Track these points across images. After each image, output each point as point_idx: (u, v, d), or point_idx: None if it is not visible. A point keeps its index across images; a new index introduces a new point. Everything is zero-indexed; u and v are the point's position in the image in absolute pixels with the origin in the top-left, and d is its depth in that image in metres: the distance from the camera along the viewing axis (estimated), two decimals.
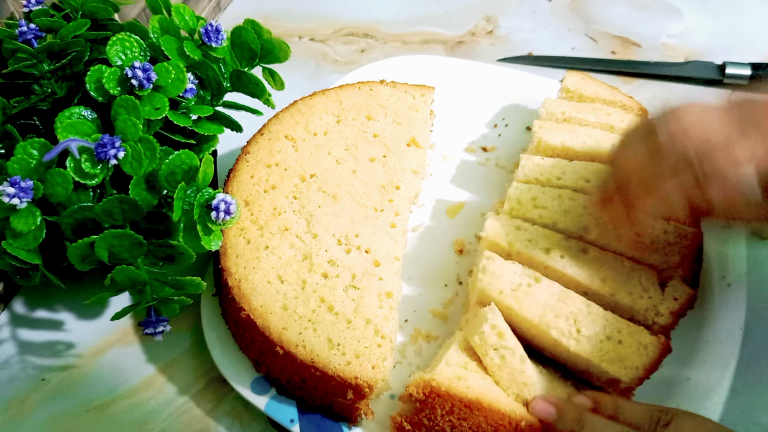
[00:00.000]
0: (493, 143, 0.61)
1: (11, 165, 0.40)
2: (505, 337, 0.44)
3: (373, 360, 0.44)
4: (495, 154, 0.61)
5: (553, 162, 0.53)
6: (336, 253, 0.48)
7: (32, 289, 0.54)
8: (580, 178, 0.52)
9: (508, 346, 0.44)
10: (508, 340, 0.44)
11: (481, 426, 0.42)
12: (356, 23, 0.75)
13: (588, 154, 0.54)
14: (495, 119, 0.63)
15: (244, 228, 0.49)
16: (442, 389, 0.42)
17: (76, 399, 0.49)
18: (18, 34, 0.44)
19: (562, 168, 0.53)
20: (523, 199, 0.51)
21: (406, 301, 0.51)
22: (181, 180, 0.42)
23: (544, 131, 0.55)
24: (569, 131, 0.55)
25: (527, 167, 0.53)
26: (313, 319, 0.45)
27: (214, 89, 0.48)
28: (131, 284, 0.42)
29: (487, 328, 0.44)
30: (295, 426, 0.45)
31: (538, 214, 0.50)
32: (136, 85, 0.42)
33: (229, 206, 0.42)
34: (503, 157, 0.60)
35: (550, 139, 0.54)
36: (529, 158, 0.54)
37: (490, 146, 0.61)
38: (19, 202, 0.39)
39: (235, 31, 0.48)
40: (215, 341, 0.48)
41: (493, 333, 0.44)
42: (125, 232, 0.40)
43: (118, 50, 0.44)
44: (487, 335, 0.44)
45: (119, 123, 0.41)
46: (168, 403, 0.49)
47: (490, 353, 0.44)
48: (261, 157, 0.53)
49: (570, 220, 0.49)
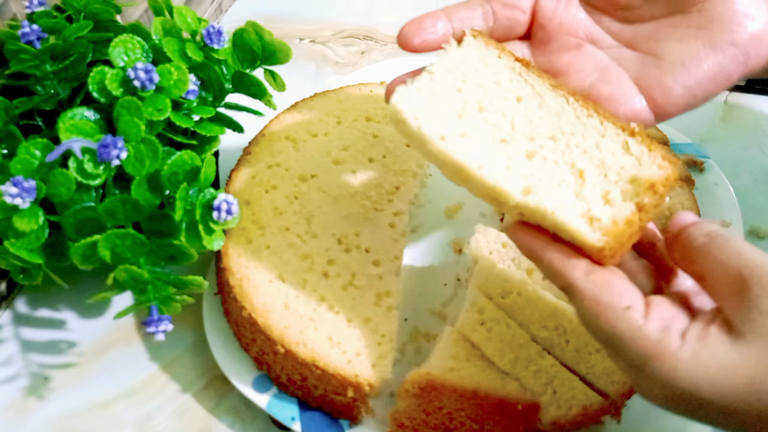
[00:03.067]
0: None
1: (14, 165, 0.40)
2: (486, 310, 0.46)
3: (373, 358, 0.44)
4: None
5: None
6: (336, 252, 0.48)
7: (34, 289, 0.54)
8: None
9: (491, 317, 0.46)
10: (491, 311, 0.46)
11: (479, 414, 0.42)
12: (357, 25, 0.75)
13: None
14: None
15: (246, 228, 0.49)
16: (437, 382, 0.43)
17: (78, 397, 0.49)
18: (21, 35, 0.44)
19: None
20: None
21: (405, 300, 0.51)
22: (183, 180, 0.42)
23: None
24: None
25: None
26: (313, 317, 0.45)
27: (215, 90, 0.48)
28: (133, 283, 0.42)
29: (467, 306, 0.46)
30: (296, 424, 0.45)
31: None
32: (139, 86, 0.42)
33: (231, 206, 0.42)
34: None
35: None
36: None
37: None
38: (22, 202, 0.39)
39: (237, 33, 0.48)
40: (217, 340, 0.49)
41: (474, 310, 0.46)
42: (127, 232, 0.41)
43: (121, 52, 0.44)
44: (469, 312, 0.46)
45: (122, 124, 0.42)
46: (169, 402, 0.49)
47: (478, 328, 0.45)
48: (262, 157, 0.53)
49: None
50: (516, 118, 0.36)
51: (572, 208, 0.33)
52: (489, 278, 0.48)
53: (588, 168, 0.34)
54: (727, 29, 0.36)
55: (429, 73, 0.37)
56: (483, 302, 0.47)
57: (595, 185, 0.34)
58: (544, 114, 0.36)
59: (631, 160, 0.34)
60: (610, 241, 0.32)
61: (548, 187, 0.34)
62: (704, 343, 0.30)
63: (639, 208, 0.33)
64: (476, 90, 0.37)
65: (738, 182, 0.58)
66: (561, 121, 0.36)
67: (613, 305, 0.31)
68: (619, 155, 0.34)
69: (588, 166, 0.34)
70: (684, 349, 0.30)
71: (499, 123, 0.36)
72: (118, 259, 0.41)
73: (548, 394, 0.44)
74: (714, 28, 0.37)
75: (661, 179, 0.33)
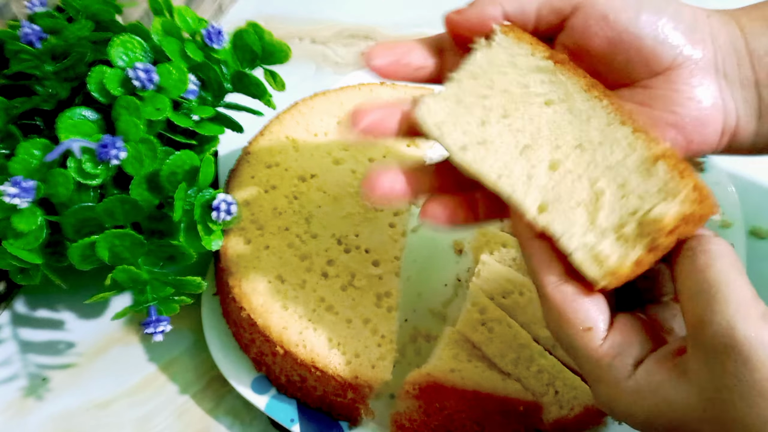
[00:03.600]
0: None
1: (13, 165, 0.40)
2: (488, 311, 0.45)
3: (372, 359, 0.44)
4: None
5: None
6: (336, 252, 0.48)
7: (33, 289, 0.54)
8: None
9: (493, 317, 0.45)
10: (492, 311, 0.45)
11: (480, 415, 0.42)
12: (357, 25, 0.75)
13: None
14: None
15: (245, 228, 0.49)
16: (438, 383, 0.43)
17: (76, 398, 0.49)
18: (21, 35, 0.44)
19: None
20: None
21: (405, 300, 0.51)
22: (182, 180, 0.42)
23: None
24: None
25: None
26: (313, 318, 0.45)
27: (215, 90, 0.48)
28: (132, 284, 0.42)
29: (468, 306, 0.46)
30: (296, 426, 0.45)
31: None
32: (138, 86, 0.42)
33: (230, 206, 0.42)
34: None
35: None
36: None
37: None
38: (21, 202, 0.39)
39: (237, 33, 0.48)
40: (215, 341, 0.49)
41: (475, 310, 0.46)
42: (126, 232, 0.41)
43: (121, 51, 0.44)
44: (470, 312, 0.45)
45: (121, 123, 0.42)
46: (168, 403, 0.49)
47: (479, 329, 0.45)
48: (261, 157, 0.53)
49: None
50: (542, 123, 0.34)
51: (581, 237, 0.31)
52: (490, 278, 0.48)
53: (609, 188, 0.31)
54: (668, 110, 0.34)
55: (454, 81, 0.35)
56: (484, 302, 0.47)
57: (612, 211, 0.31)
58: (574, 118, 0.33)
59: (656, 185, 0.31)
60: (611, 281, 0.30)
61: (564, 207, 0.32)
62: (653, 377, 0.29)
63: (652, 248, 0.30)
64: (502, 96, 0.34)
65: (739, 182, 0.58)
66: (590, 128, 0.33)
67: (575, 322, 0.31)
68: (644, 176, 0.31)
69: (610, 185, 0.32)
70: (630, 381, 0.30)
71: (523, 128, 0.34)
72: (116, 259, 0.41)
73: (550, 394, 0.43)
74: (656, 106, 0.34)
75: (676, 218, 0.29)
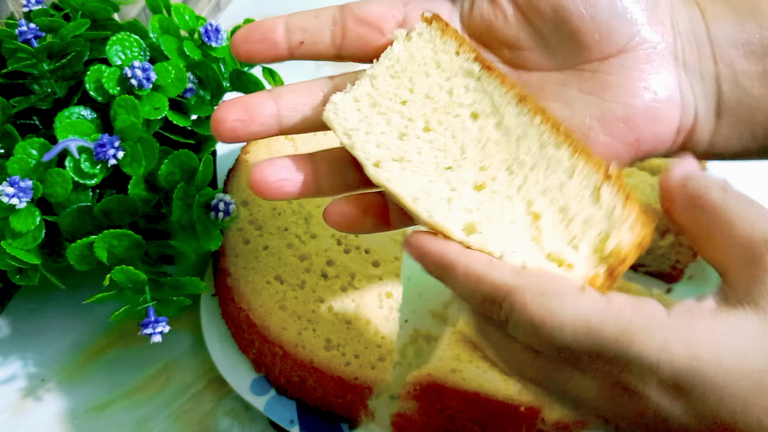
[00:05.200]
0: None
1: (11, 165, 0.40)
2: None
3: (372, 360, 0.44)
4: None
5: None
6: (335, 253, 0.48)
7: (31, 289, 0.54)
8: None
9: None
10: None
11: (480, 416, 0.42)
12: None
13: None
14: None
15: (244, 228, 0.49)
16: (439, 384, 0.42)
17: (75, 399, 0.49)
18: (18, 33, 0.44)
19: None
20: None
21: (405, 301, 0.51)
22: (181, 180, 0.42)
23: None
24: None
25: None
26: (312, 319, 0.45)
27: (213, 89, 0.48)
28: (130, 284, 0.42)
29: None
30: (295, 427, 0.45)
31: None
32: (136, 84, 0.42)
33: (228, 206, 0.42)
34: None
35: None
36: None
37: None
38: (19, 202, 0.39)
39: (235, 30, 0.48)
40: (214, 342, 0.48)
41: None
42: (124, 233, 0.40)
43: (118, 50, 0.44)
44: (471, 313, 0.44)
45: (119, 123, 0.41)
46: (167, 404, 0.49)
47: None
48: (260, 157, 0.53)
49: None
50: (467, 142, 0.30)
51: (526, 252, 0.28)
52: None
53: (548, 211, 0.28)
54: (619, 100, 0.30)
55: (369, 77, 0.31)
56: None
57: (554, 235, 0.28)
58: (502, 137, 0.30)
59: (602, 211, 0.28)
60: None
61: (497, 226, 0.28)
62: (699, 314, 0.25)
63: (610, 274, 0.27)
64: (424, 104, 0.31)
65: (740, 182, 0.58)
66: (521, 150, 0.29)
67: (566, 289, 0.25)
68: (586, 203, 0.28)
69: (549, 209, 0.28)
70: (672, 318, 0.24)
71: (446, 146, 0.30)
72: (114, 259, 0.41)
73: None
74: (606, 97, 0.30)
75: (632, 246, 0.27)
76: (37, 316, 0.53)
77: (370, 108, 0.31)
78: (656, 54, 0.30)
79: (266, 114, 0.32)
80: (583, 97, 0.31)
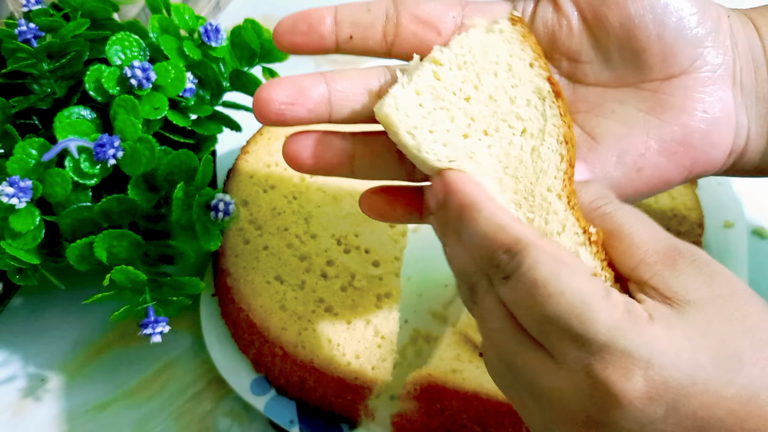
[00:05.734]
0: None
1: (10, 165, 0.40)
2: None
3: (372, 361, 0.44)
4: None
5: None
6: (335, 253, 0.48)
7: (31, 289, 0.54)
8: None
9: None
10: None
11: (481, 416, 0.42)
12: None
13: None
14: None
15: (243, 228, 0.49)
16: (439, 384, 0.42)
17: (75, 399, 0.49)
18: (17, 33, 0.44)
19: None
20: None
21: (405, 301, 0.51)
22: (180, 180, 0.42)
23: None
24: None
25: None
26: (312, 319, 0.45)
27: (213, 89, 0.48)
28: (130, 284, 0.42)
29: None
30: (295, 427, 0.45)
31: None
32: (136, 84, 0.42)
33: (228, 206, 0.42)
34: None
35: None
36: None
37: None
38: (18, 202, 0.39)
39: (235, 30, 0.48)
40: (214, 342, 0.48)
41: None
42: (124, 233, 0.40)
43: (118, 50, 0.44)
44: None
45: (118, 123, 0.41)
46: (167, 404, 0.49)
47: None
48: (260, 156, 0.53)
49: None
50: (512, 156, 0.29)
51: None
52: None
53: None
54: (678, 122, 0.30)
55: (432, 64, 0.29)
56: None
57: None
58: (531, 164, 0.29)
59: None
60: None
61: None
62: (660, 317, 0.25)
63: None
64: (486, 105, 0.29)
65: (741, 182, 0.58)
66: (537, 183, 0.29)
67: (580, 268, 0.25)
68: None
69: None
70: (654, 322, 0.24)
71: (501, 156, 0.29)
72: (114, 259, 0.41)
73: None
74: (665, 118, 0.30)
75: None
76: (37, 316, 0.53)
77: (433, 102, 0.29)
78: (717, 77, 0.30)
79: (317, 100, 0.30)
80: (642, 117, 0.30)
